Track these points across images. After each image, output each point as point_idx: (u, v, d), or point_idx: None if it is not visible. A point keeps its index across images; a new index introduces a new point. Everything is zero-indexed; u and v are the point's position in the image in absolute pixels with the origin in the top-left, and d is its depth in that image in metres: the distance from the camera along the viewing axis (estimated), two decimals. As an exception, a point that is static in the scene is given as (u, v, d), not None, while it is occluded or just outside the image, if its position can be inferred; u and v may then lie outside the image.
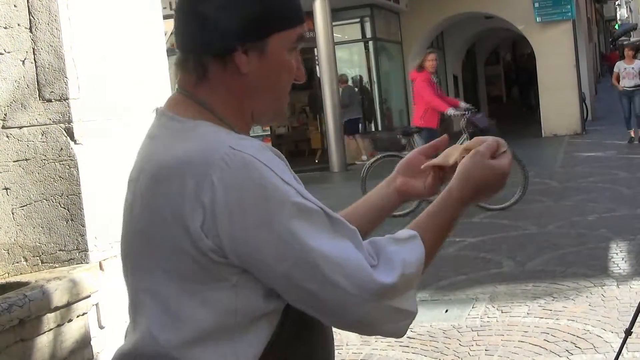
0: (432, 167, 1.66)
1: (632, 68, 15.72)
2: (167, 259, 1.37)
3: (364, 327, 1.43)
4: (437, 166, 1.65)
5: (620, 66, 16.04)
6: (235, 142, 1.34)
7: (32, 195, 3.35)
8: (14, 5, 3.33)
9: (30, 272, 3.34)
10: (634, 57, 16.22)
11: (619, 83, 15.93)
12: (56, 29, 3.30)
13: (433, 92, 9.88)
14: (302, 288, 1.34)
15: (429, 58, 10.11)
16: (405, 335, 5.06)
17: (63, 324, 3.09)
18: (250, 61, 1.42)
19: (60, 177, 3.33)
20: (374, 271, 1.36)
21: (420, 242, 1.46)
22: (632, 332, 3.93)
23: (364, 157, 15.66)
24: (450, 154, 1.63)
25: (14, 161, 3.37)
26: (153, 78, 3.94)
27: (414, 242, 1.46)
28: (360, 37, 18.60)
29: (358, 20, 18.40)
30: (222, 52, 1.41)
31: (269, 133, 17.14)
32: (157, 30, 4.03)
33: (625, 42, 51.42)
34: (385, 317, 1.40)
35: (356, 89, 17.83)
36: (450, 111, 9.74)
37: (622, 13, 62.35)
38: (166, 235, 1.35)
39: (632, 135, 15.58)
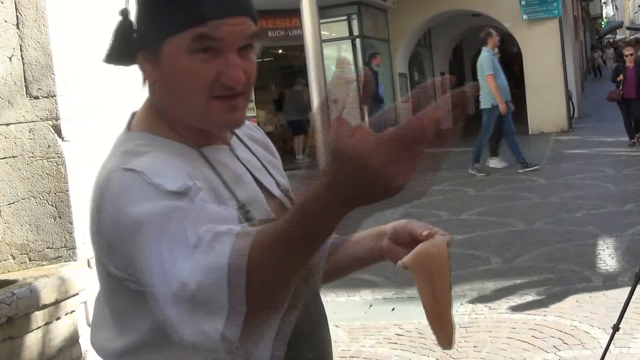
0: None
1: None
2: (98, 273, 1.37)
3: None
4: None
5: None
6: (130, 162, 1.30)
7: (19, 193, 3.33)
8: (1, 2, 3.31)
9: (18, 270, 3.32)
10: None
11: None
12: (43, 25, 3.28)
13: None
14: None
15: None
16: (394, 332, 5.07)
17: (51, 322, 3.08)
18: (153, 69, 1.43)
19: (47, 174, 3.31)
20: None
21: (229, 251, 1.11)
22: (619, 328, 3.95)
23: (299, 157, 16.31)
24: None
25: (1, 158, 3.35)
26: (140, 75, 3.93)
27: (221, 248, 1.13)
28: (348, 35, 18.58)
29: (345, 18, 18.37)
30: (131, 63, 1.47)
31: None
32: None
33: (611, 40, 51.60)
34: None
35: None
36: None
37: (608, 11, 62.68)
38: (94, 247, 1.35)
39: None
